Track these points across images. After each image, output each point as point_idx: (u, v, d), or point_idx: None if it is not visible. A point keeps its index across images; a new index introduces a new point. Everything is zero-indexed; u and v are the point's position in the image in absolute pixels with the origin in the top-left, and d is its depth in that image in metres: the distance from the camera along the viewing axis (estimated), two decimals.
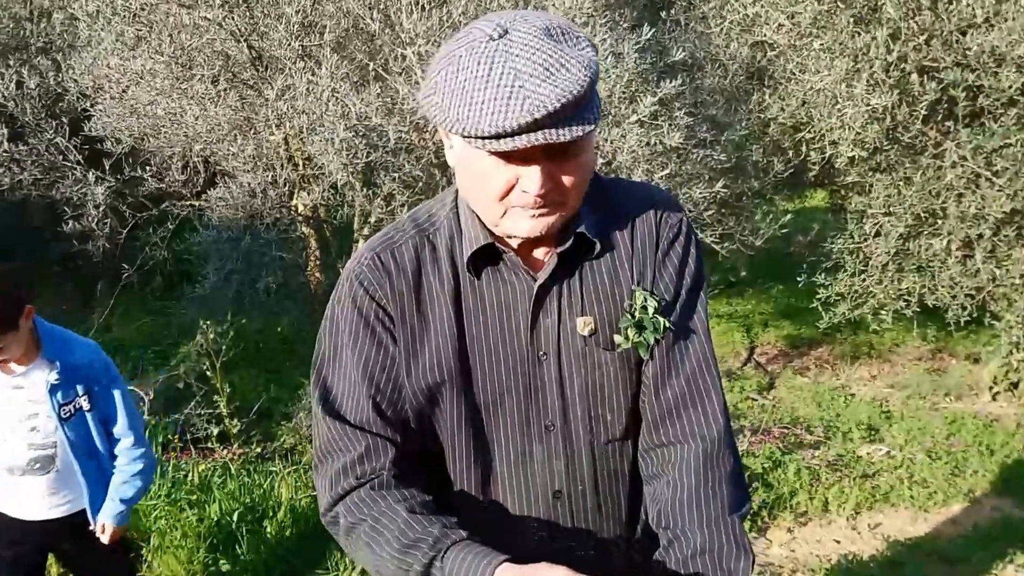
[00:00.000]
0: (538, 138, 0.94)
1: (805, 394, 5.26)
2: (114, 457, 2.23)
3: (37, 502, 2.18)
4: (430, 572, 1.03)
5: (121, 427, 2.22)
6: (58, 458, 2.15)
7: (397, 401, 1.13)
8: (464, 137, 0.98)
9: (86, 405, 2.15)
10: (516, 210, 1.04)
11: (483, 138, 0.95)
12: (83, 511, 2.21)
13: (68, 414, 2.13)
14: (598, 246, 1.13)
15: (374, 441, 1.11)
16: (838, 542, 3.46)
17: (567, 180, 1.03)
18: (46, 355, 2.10)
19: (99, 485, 2.21)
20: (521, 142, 0.94)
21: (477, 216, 1.11)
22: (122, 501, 2.21)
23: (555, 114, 0.93)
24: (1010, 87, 3.93)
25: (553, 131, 0.94)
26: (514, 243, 1.12)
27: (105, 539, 2.21)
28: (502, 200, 1.03)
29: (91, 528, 2.22)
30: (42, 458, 2.13)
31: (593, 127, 0.97)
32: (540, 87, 0.92)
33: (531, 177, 1.00)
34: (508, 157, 0.99)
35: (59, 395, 2.10)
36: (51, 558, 2.48)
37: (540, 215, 1.04)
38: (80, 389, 2.14)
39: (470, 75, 0.95)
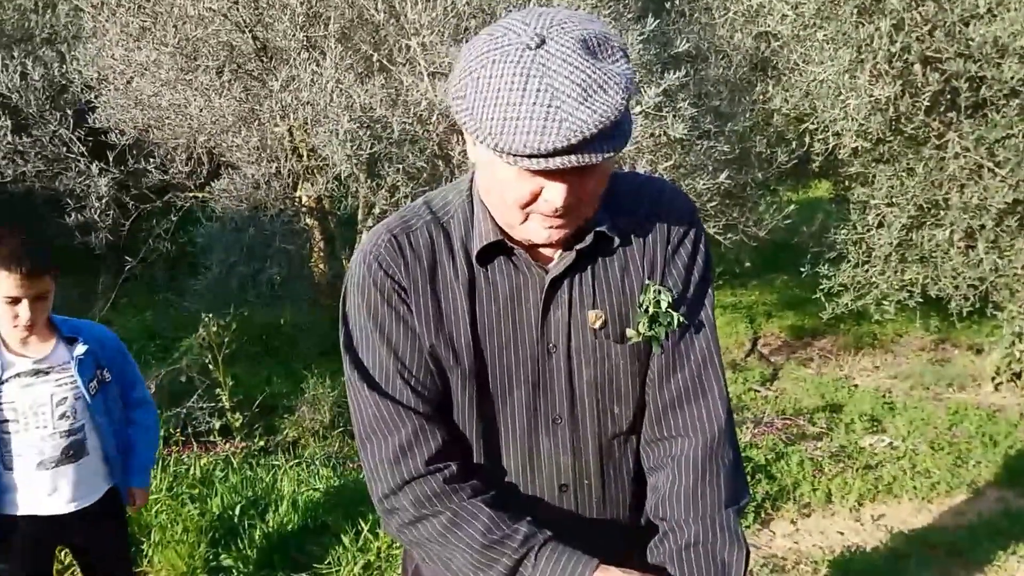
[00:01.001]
0: (571, 160, 0.94)
1: (808, 385, 5.27)
2: (129, 425, 2.26)
3: (66, 495, 2.13)
4: (517, 570, 1.06)
5: (139, 391, 2.28)
6: (88, 441, 2.13)
7: (425, 378, 1.13)
8: (495, 151, 0.97)
9: (108, 376, 2.18)
10: (536, 217, 1.04)
11: (516, 155, 0.95)
12: (100, 499, 2.18)
13: (95, 390, 2.13)
14: (616, 242, 1.14)
15: (419, 420, 1.11)
16: (841, 533, 3.46)
17: (589, 192, 1.03)
18: (65, 333, 2.11)
19: (118, 462, 2.22)
20: (554, 163, 0.94)
21: (490, 212, 1.11)
22: (146, 465, 2.28)
23: (591, 138, 0.93)
24: (1012, 78, 3.93)
25: (587, 155, 0.94)
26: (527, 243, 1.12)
27: (139, 503, 2.28)
28: (524, 208, 1.03)
29: (123, 504, 2.24)
30: (75, 444, 2.11)
31: (623, 144, 0.97)
32: (578, 110, 0.91)
33: (556, 191, 0.99)
34: (536, 171, 0.99)
35: (85, 371, 2.11)
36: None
37: (559, 226, 1.04)
38: (100, 362, 2.17)
39: (504, 86, 0.93)
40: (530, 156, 0.94)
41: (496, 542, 1.07)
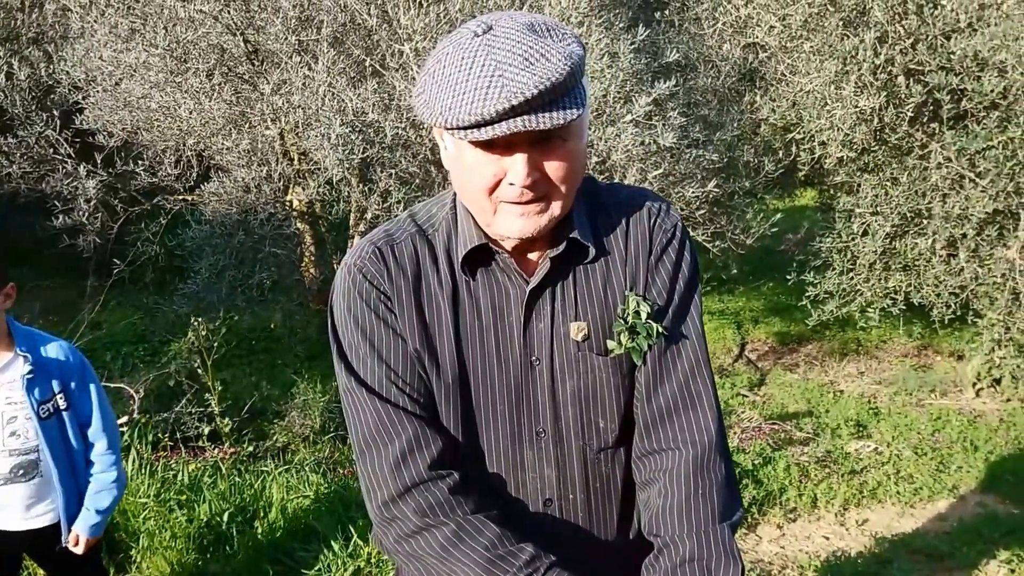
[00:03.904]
0: (517, 124, 0.94)
1: (795, 390, 5.33)
2: (89, 464, 2.15)
3: (18, 512, 2.10)
4: None
5: (96, 429, 2.14)
6: (41, 463, 2.08)
7: (419, 385, 1.12)
8: (449, 130, 0.98)
9: (63, 404, 2.09)
10: (506, 206, 1.03)
11: (465, 128, 0.96)
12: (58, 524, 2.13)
13: (47, 413, 2.06)
14: (592, 250, 1.13)
15: (420, 424, 1.10)
16: (827, 538, 3.50)
17: (553, 171, 1.02)
18: (19, 348, 2.04)
19: (73, 494, 2.11)
20: (501, 129, 0.94)
21: (473, 217, 1.11)
22: (98, 512, 2.13)
23: (533, 101, 0.93)
24: (992, 91, 4.01)
25: (532, 117, 0.94)
26: (508, 244, 1.11)
27: (80, 550, 2.13)
28: (491, 195, 1.03)
29: (64, 542, 2.13)
30: (25, 464, 2.06)
31: (575, 115, 0.97)
32: (519, 75, 0.93)
33: (516, 167, 1.00)
34: (492, 147, 1.00)
35: (36, 392, 2.04)
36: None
37: (529, 213, 1.04)
38: (56, 386, 2.07)
39: (454, 69, 0.96)
40: (478, 125, 0.95)
41: (500, 558, 1.04)
